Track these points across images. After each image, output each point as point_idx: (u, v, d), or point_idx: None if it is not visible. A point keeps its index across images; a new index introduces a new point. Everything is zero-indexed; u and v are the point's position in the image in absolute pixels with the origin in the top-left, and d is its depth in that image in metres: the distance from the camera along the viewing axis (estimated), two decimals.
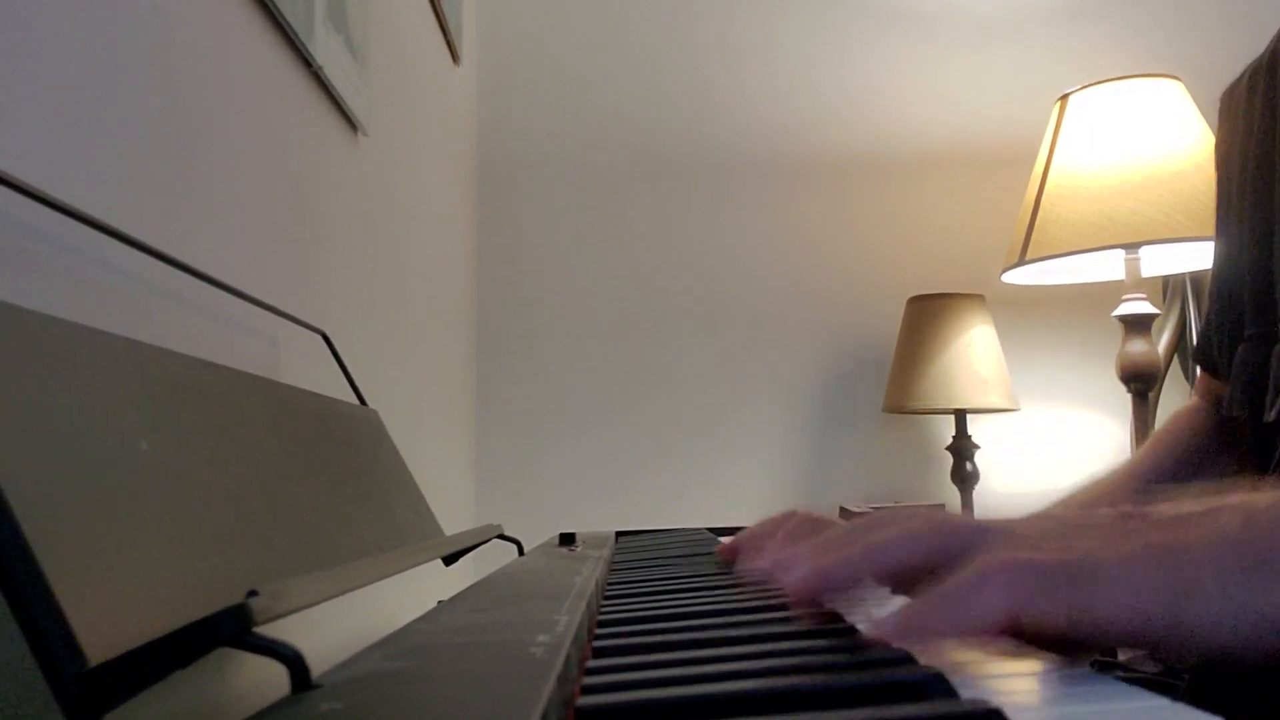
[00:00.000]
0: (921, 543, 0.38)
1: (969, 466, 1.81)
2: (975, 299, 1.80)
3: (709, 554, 0.75)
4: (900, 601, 0.38)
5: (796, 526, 0.59)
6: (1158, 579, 0.34)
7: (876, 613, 0.43)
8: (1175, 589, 0.33)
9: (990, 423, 1.95)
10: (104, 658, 0.28)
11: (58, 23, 0.49)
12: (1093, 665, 0.87)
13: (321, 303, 0.90)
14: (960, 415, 1.81)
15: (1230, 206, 0.73)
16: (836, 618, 0.41)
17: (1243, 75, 0.72)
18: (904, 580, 0.41)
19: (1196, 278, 1.88)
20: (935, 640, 0.34)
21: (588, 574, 0.54)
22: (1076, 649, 0.36)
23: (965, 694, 0.28)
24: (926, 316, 1.79)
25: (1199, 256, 1.69)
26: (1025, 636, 0.35)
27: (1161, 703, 0.27)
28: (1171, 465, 0.78)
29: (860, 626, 0.38)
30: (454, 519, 1.64)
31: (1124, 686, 0.29)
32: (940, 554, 0.37)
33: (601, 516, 1.91)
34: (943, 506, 1.84)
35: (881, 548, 0.39)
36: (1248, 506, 0.35)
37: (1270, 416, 0.64)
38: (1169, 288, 1.93)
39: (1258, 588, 0.33)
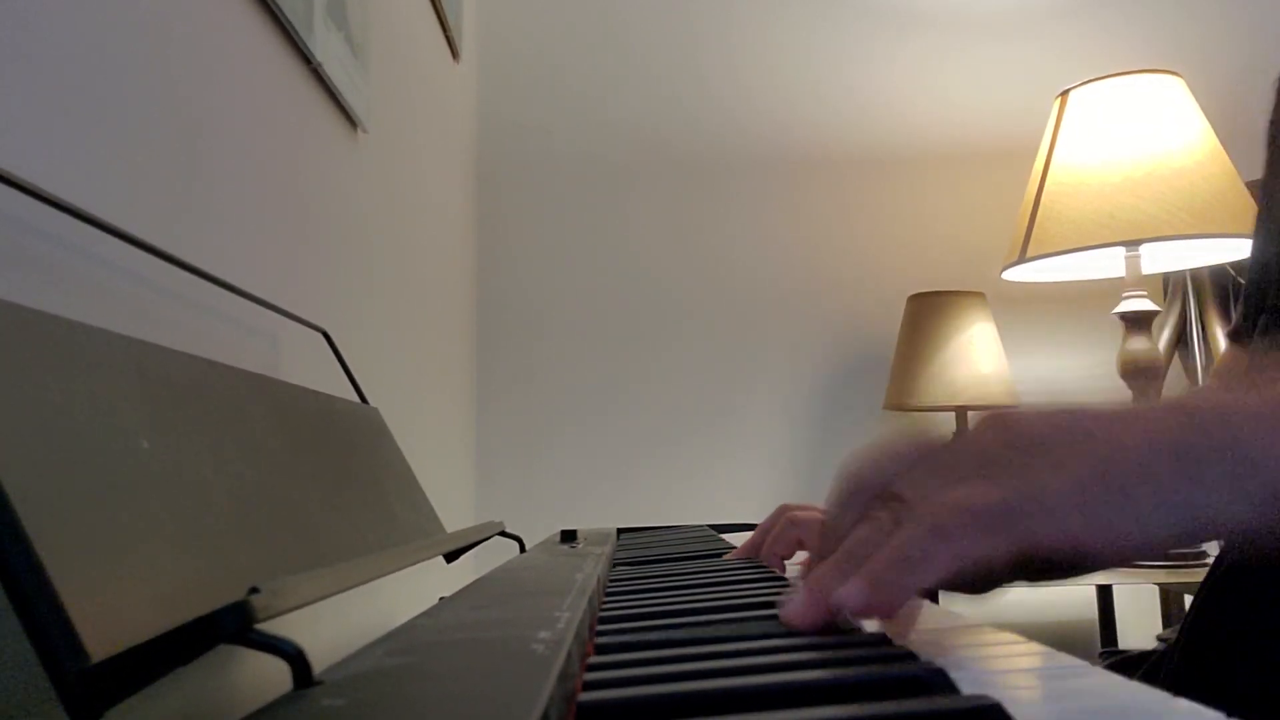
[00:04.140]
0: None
1: None
2: (976, 296, 1.80)
3: (710, 551, 0.76)
4: None
5: (790, 523, 0.66)
6: (1094, 498, 0.36)
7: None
8: (1106, 500, 0.35)
9: None
10: (106, 654, 0.28)
11: (57, 20, 0.49)
12: (1102, 655, 0.87)
13: (322, 300, 0.90)
14: (961, 412, 1.81)
15: (1273, 179, 0.74)
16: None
17: None
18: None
19: (1197, 275, 1.88)
20: (897, 603, 0.35)
21: (589, 571, 0.54)
22: (1024, 575, 0.38)
23: (966, 689, 0.28)
24: (927, 314, 1.79)
25: (1200, 254, 1.69)
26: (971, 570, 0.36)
27: (1162, 696, 0.27)
28: None
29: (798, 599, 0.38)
30: (455, 516, 1.64)
31: (1124, 681, 0.29)
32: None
33: (603, 514, 1.91)
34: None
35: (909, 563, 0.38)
36: (1190, 406, 0.37)
37: None
38: (1170, 285, 1.92)
39: (1184, 495, 0.35)
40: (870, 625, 0.39)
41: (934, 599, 0.47)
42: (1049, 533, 0.35)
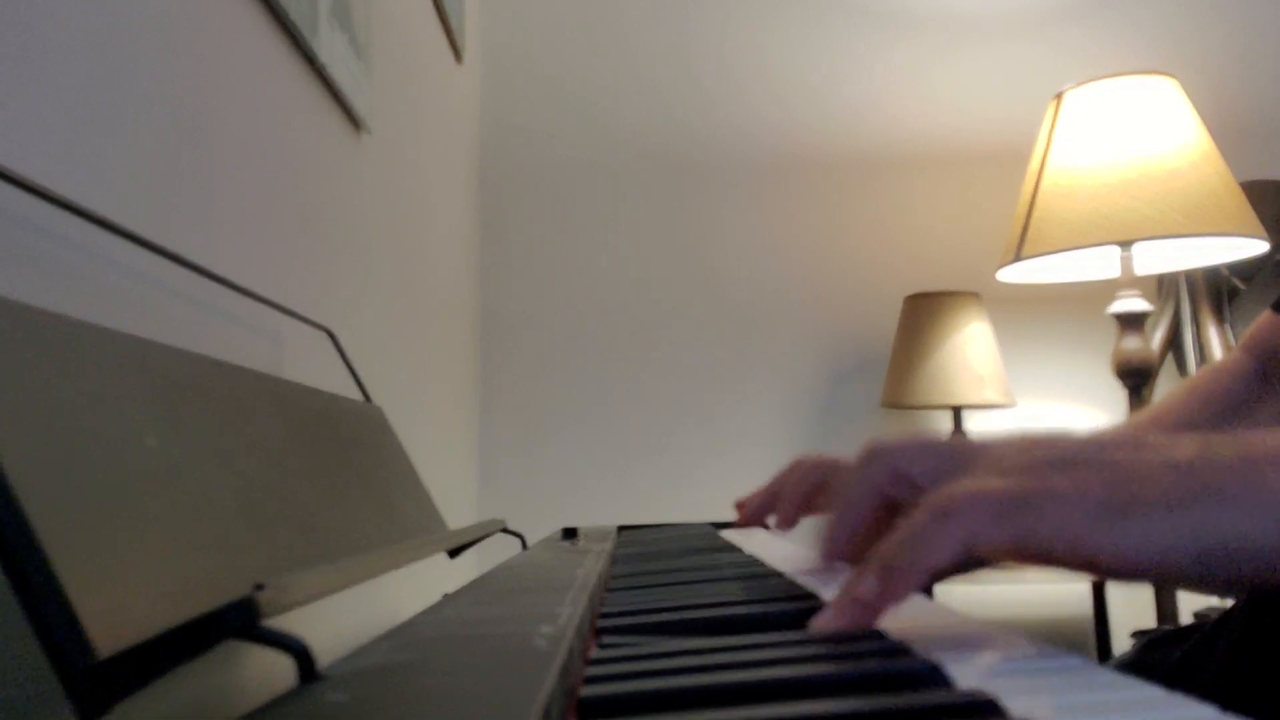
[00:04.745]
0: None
1: None
2: (971, 297, 1.81)
3: (710, 548, 0.76)
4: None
5: (809, 472, 0.69)
6: (1101, 499, 0.36)
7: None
8: (1116, 508, 0.35)
9: (987, 418, 1.95)
10: (112, 651, 0.28)
11: (62, 20, 0.50)
12: (1133, 635, 0.86)
13: (325, 299, 0.91)
14: (957, 411, 1.81)
15: None
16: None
17: None
18: None
19: (1191, 275, 1.89)
20: (908, 586, 0.36)
21: (590, 567, 0.54)
22: (1031, 565, 0.38)
23: (961, 685, 0.28)
24: (923, 314, 1.79)
25: (1193, 254, 1.69)
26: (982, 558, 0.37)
27: (1157, 692, 0.27)
28: (1204, 417, 0.77)
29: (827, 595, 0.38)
30: (457, 514, 1.65)
31: (1120, 677, 0.29)
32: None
33: (603, 512, 1.92)
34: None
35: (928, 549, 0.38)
36: (1205, 439, 0.37)
37: None
38: (1163, 285, 1.93)
39: (1199, 512, 0.35)
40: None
41: (928, 594, 0.47)
42: (1052, 530, 0.36)
